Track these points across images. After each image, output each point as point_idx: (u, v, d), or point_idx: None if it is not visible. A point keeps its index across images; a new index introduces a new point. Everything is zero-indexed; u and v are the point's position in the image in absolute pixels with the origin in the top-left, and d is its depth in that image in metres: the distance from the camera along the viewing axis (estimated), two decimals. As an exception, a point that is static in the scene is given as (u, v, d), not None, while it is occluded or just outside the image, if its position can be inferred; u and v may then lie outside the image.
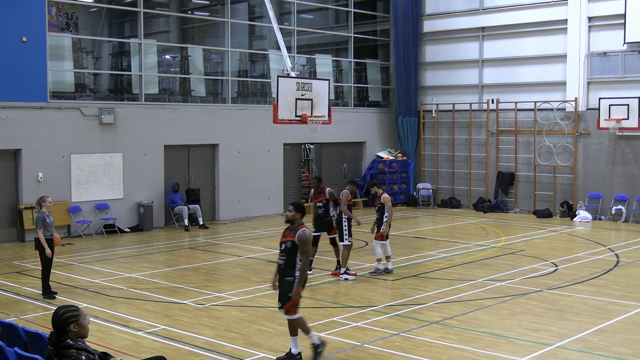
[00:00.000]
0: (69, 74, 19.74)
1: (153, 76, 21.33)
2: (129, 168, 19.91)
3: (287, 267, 8.78)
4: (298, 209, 8.98)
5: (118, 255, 16.57)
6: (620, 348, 9.41)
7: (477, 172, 25.38)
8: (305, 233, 8.74)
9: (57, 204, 17.98)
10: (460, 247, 17.36)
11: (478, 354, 9.14)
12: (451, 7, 25.91)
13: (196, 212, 20.81)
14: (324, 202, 14.11)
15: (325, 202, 14.12)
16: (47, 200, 12.38)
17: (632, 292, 12.56)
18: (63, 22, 22.26)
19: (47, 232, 12.20)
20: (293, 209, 8.97)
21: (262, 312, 11.26)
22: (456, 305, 11.61)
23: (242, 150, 22.43)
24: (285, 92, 15.24)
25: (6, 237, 17.93)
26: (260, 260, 15.70)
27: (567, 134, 23.11)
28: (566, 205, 22.82)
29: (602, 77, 22.59)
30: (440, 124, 26.28)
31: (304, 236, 8.72)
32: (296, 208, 8.98)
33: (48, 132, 18.34)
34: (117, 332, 10.11)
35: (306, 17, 27.02)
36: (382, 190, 14.29)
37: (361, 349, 9.35)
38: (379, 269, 14.03)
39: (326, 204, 14.12)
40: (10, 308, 11.52)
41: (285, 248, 8.80)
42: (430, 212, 24.55)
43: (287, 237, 8.83)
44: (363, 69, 27.48)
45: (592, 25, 22.68)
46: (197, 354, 9.20)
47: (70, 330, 5.66)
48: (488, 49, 25.19)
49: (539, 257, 15.85)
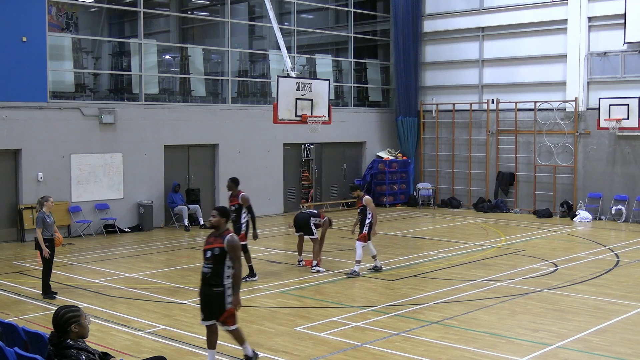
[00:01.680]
0: (69, 74, 19.74)
1: (153, 76, 21.33)
2: (129, 168, 19.91)
3: (214, 276, 8.15)
4: (222, 213, 8.35)
5: (118, 255, 16.57)
6: (620, 348, 9.41)
7: (477, 172, 25.38)
8: (234, 238, 8.16)
9: (57, 204, 17.94)
10: (460, 247, 17.36)
11: (478, 354, 9.14)
12: (451, 7, 25.91)
13: (196, 212, 20.81)
14: (237, 207, 13.42)
15: (238, 206, 13.43)
16: (49, 200, 12.35)
17: (632, 292, 12.56)
18: (63, 22, 22.26)
19: (47, 233, 12.19)
20: (217, 213, 8.31)
21: (262, 312, 11.27)
22: (456, 305, 11.61)
23: (242, 150, 22.43)
24: (285, 92, 15.25)
25: (6, 237, 17.93)
26: (260, 260, 15.70)
27: (567, 134, 23.12)
28: (566, 205, 22.83)
29: (602, 77, 22.60)
30: (440, 124, 26.28)
31: (233, 241, 8.13)
32: (220, 213, 8.34)
33: (48, 132, 18.34)
34: (117, 332, 10.11)
35: (306, 17, 27.02)
36: (363, 193, 14.31)
37: (361, 349, 9.35)
38: (355, 270, 13.92)
39: (238, 208, 13.42)
40: (10, 308, 11.52)
41: (212, 255, 8.14)
42: (430, 212, 24.55)
43: (212, 244, 8.17)
44: (363, 69, 27.48)
45: (592, 25, 22.68)
46: (197, 354, 9.20)
47: (71, 331, 5.67)
48: (488, 49, 25.19)
49: (539, 257, 15.85)
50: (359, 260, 13.94)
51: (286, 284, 13.32)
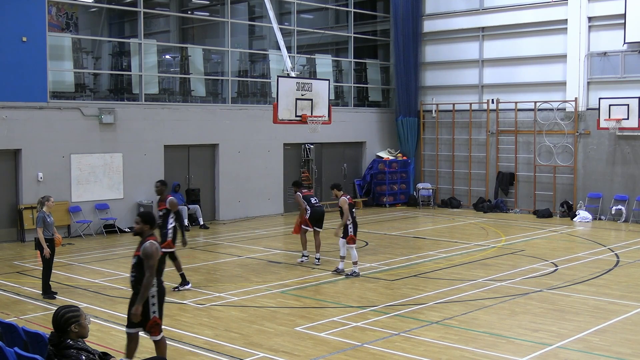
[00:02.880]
0: (69, 74, 19.75)
1: (153, 76, 21.33)
2: (129, 168, 19.91)
3: (137, 284, 7.88)
4: (145, 220, 8.01)
5: (118, 255, 16.57)
6: (620, 348, 9.41)
7: (477, 172, 25.38)
8: (149, 246, 7.81)
9: (57, 204, 17.92)
10: (460, 247, 17.36)
11: (478, 354, 9.14)
12: (451, 7, 25.91)
13: (196, 212, 20.81)
14: (164, 212, 12.70)
15: (166, 211, 12.71)
16: (50, 200, 12.35)
17: (632, 292, 12.56)
18: (63, 22, 22.26)
19: (48, 232, 12.18)
20: (140, 220, 8.00)
21: (262, 312, 11.27)
22: (456, 305, 11.61)
23: (242, 150, 22.44)
24: (285, 92, 15.25)
25: (6, 237, 17.93)
26: (260, 260, 15.71)
27: (567, 134, 23.12)
28: (566, 205, 22.83)
29: (602, 77, 22.59)
30: (440, 124, 26.28)
31: (147, 249, 7.78)
32: (143, 219, 8.00)
33: (48, 132, 18.34)
34: (117, 332, 10.11)
35: (306, 17, 27.02)
36: (342, 193, 14.15)
37: (361, 349, 9.35)
38: (355, 271, 13.81)
39: (166, 213, 12.70)
40: (10, 308, 11.52)
41: (134, 263, 7.93)
42: (430, 212, 24.55)
43: (135, 252, 7.98)
44: (363, 69, 27.49)
45: (592, 25, 22.68)
46: (197, 354, 9.20)
47: (71, 331, 5.67)
48: (488, 49, 25.20)
49: (539, 257, 15.85)
50: (355, 261, 13.85)
51: (286, 284, 13.32)
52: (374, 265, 14.97)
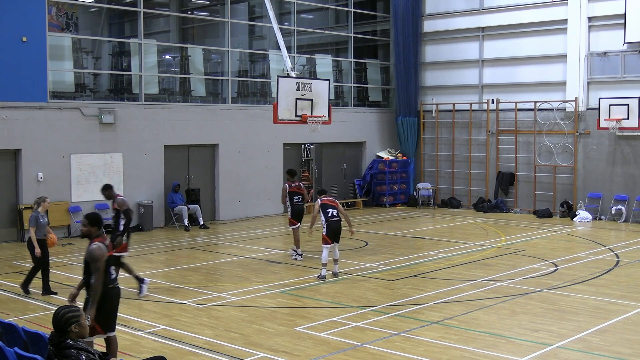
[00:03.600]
0: (69, 74, 19.74)
1: (153, 76, 21.33)
2: (129, 168, 19.91)
3: (87, 288, 7.70)
4: (92, 221, 7.76)
5: (118, 255, 16.53)
6: (620, 348, 9.41)
7: (477, 172, 25.38)
8: (95, 248, 7.58)
9: (57, 204, 18.04)
10: (460, 247, 17.36)
11: (478, 354, 9.14)
12: (451, 7, 25.91)
13: (196, 212, 20.80)
14: (115, 213, 12.15)
15: (116, 212, 12.10)
16: (46, 201, 12.42)
17: (632, 292, 12.56)
18: (63, 22, 22.25)
19: (40, 233, 12.22)
20: (87, 222, 7.74)
21: (262, 312, 11.27)
22: (456, 305, 11.61)
23: (242, 150, 22.43)
24: (285, 92, 15.25)
25: (6, 237, 17.93)
26: (261, 260, 15.71)
27: (567, 134, 23.12)
28: (566, 205, 22.82)
29: (602, 77, 22.59)
30: (440, 124, 26.28)
31: (90, 252, 7.57)
32: (90, 221, 7.75)
33: (48, 132, 18.34)
34: (117, 332, 10.09)
35: (306, 17, 27.02)
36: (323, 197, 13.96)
37: (361, 349, 9.35)
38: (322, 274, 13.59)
39: (116, 214, 12.08)
40: (10, 308, 11.52)
41: (84, 266, 7.74)
42: (430, 212, 24.55)
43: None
44: (363, 69, 27.48)
45: (592, 25, 22.68)
46: (197, 354, 9.20)
47: (71, 331, 5.68)
48: (488, 49, 25.19)
49: (539, 257, 15.86)
50: (325, 263, 13.52)
51: (286, 284, 13.32)
52: (374, 265, 14.98)
